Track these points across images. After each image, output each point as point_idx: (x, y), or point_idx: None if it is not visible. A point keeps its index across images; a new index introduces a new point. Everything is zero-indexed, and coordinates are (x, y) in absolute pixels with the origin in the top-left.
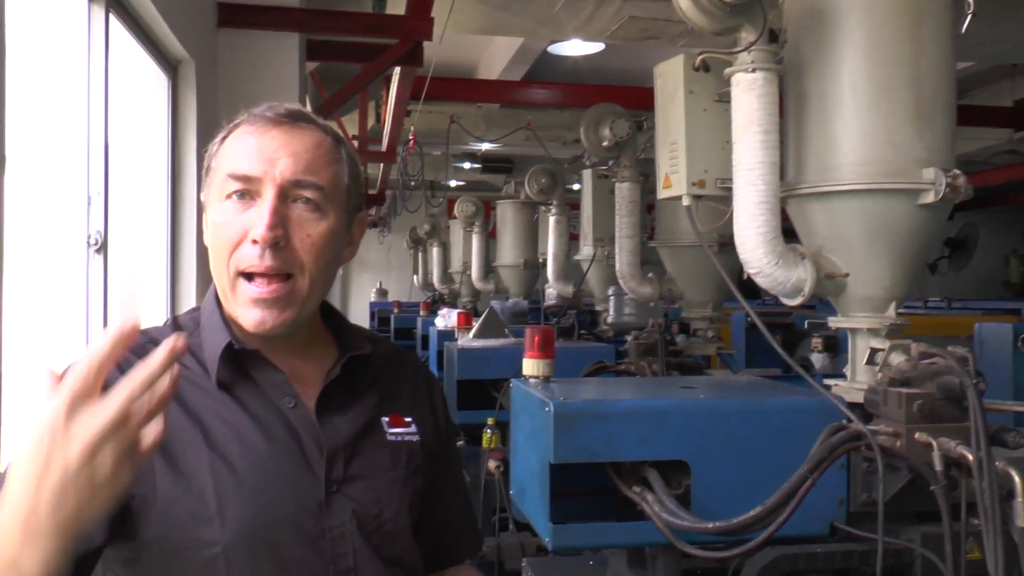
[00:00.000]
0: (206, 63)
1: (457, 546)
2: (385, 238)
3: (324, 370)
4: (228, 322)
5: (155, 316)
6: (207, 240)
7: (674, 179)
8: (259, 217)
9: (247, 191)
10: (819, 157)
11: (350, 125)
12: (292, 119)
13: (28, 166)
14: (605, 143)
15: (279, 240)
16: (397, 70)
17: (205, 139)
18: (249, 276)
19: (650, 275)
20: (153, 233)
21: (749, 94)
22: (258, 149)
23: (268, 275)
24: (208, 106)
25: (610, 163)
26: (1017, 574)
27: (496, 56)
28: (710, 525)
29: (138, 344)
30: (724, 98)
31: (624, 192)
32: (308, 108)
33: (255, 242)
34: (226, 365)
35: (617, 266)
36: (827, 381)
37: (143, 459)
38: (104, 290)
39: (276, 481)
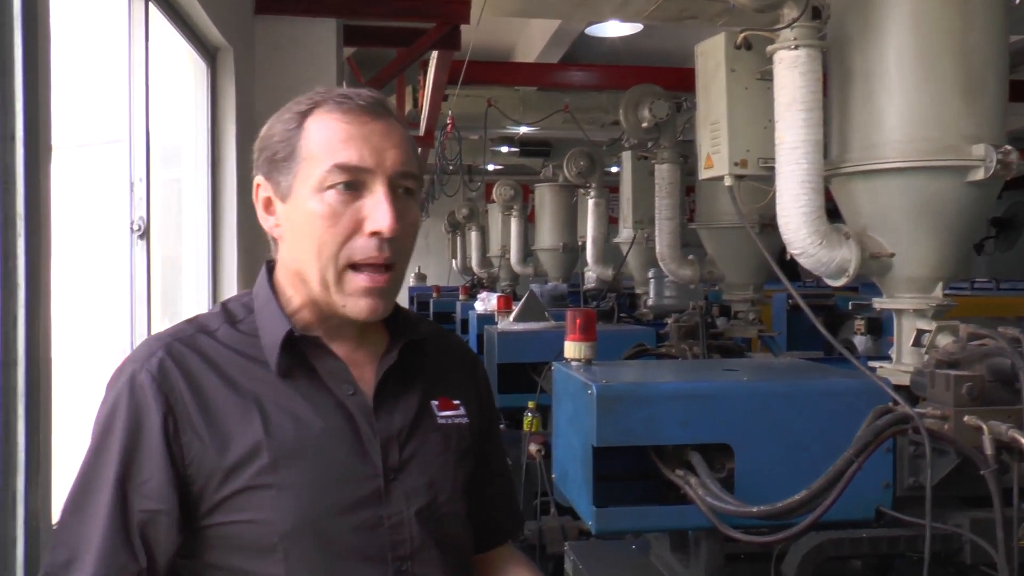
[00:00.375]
0: (244, 50)
1: (501, 526)
2: (423, 223)
3: (377, 355)
4: (284, 309)
5: (198, 302)
6: (285, 225)
7: (716, 159)
8: (378, 210)
9: (356, 182)
10: (863, 135)
11: None
12: (384, 108)
13: (72, 154)
14: (644, 124)
15: (397, 232)
16: (434, 54)
17: (244, 125)
18: (356, 266)
19: (690, 257)
20: (194, 219)
21: (792, 71)
22: (364, 140)
23: (379, 265)
24: (246, 93)
25: (649, 144)
26: None
27: (533, 39)
28: (754, 509)
29: (187, 334)
30: (766, 76)
31: (664, 173)
32: None
33: (374, 234)
34: (285, 353)
35: (657, 248)
36: (872, 363)
37: None
38: (147, 275)
39: (334, 470)
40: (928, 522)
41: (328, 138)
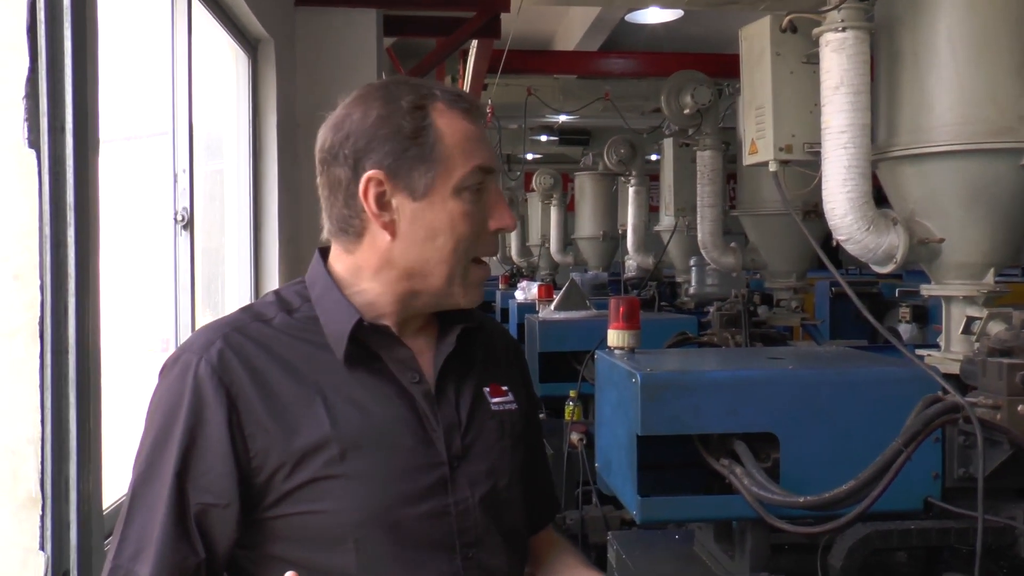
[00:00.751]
0: (285, 42)
1: (545, 510)
2: None
3: (432, 341)
4: (350, 299)
5: (240, 292)
6: (416, 226)
7: (760, 144)
8: (501, 208)
9: (482, 182)
10: (912, 118)
11: None
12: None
13: (119, 147)
14: (687, 111)
15: None
16: (474, 43)
17: (285, 117)
18: (476, 259)
19: (732, 244)
20: (236, 210)
21: (839, 54)
22: (486, 141)
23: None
24: (287, 84)
25: (691, 131)
26: None
27: (573, 26)
28: (800, 499)
29: (244, 323)
30: (812, 60)
31: (706, 160)
32: None
33: (498, 230)
34: (352, 342)
35: (699, 236)
36: (919, 351)
37: None
38: (191, 265)
39: (402, 459)
40: (980, 514)
41: (462, 138)
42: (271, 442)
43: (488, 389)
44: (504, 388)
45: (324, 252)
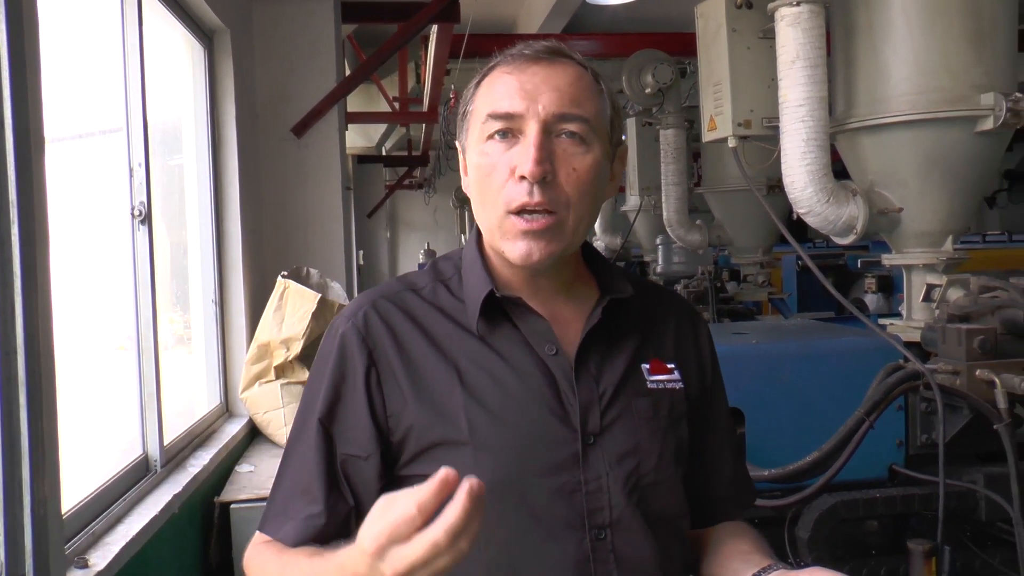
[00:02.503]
0: (241, 32)
1: (726, 501)
2: (431, 199)
3: (584, 313)
4: (490, 268)
5: (204, 284)
6: (469, 183)
7: (719, 121)
8: (525, 153)
9: (509, 129)
10: (869, 89)
11: (390, 87)
12: (551, 55)
13: (70, 142)
14: (648, 90)
15: (546, 175)
16: (434, 28)
17: (245, 107)
18: (518, 212)
19: (698, 222)
20: (197, 203)
21: (795, 28)
22: (519, 87)
23: (536, 211)
24: (245, 75)
25: (654, 111)
26: None
27: (534, 9)
28: (765, 472)
29: (395, 291)
30: (768, 35)
31: (669, 139)
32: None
33: (522, 178)
34: (486, 312)
35: (664, 214)
36: (882, 320)
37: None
38: (150, 261)
39: (534, 431)
40: (941, 479)
41: (490, 91)
42: (405, 403)
43: (648, 365)
44: (670, 366)
45: None
